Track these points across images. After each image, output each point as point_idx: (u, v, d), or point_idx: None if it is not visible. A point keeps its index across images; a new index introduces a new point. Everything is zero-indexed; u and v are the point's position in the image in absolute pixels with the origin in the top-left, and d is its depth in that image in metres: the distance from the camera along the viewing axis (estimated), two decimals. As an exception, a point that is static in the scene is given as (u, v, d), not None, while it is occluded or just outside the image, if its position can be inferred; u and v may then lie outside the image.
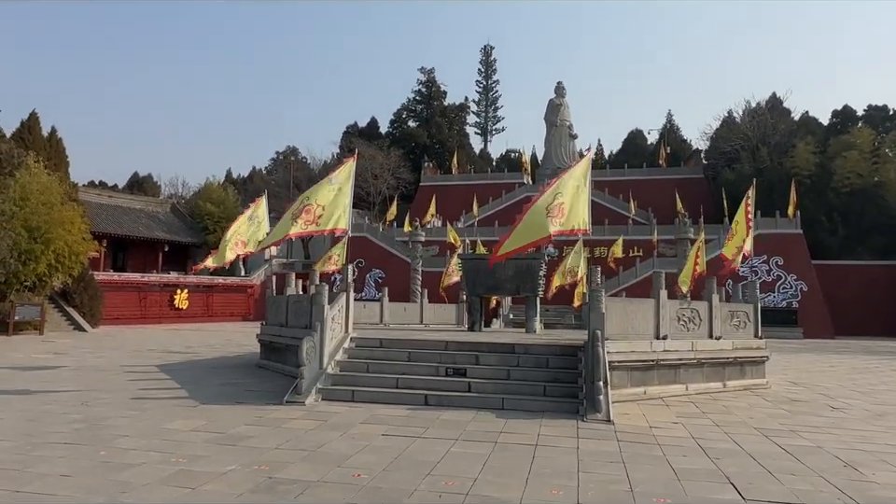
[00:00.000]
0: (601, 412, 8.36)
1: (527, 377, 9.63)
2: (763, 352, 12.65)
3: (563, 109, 71.68)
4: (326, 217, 11.62)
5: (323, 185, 11.79)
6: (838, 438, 7.84)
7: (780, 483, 5.74)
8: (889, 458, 6.79)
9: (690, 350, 11.24)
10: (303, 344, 9.51)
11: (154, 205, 50.17)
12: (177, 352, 18.84)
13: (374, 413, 8.60)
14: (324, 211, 11.62)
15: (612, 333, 10.36)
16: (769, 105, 52.45)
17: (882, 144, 44.58)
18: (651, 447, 7.04)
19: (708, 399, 10.75)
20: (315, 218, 11.61)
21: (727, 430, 8.09)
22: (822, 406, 10.46)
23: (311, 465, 6.09)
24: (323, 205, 11.61)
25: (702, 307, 11.86)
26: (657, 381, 10.75)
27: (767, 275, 37.99)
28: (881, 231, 41.04)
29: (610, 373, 9.93)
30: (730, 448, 7.09)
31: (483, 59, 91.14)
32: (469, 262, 16.60)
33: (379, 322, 20.67)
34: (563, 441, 7.26)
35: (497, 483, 5.60)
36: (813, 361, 19.95)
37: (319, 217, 11.62)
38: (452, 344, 10.59)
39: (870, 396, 11.94)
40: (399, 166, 54.64)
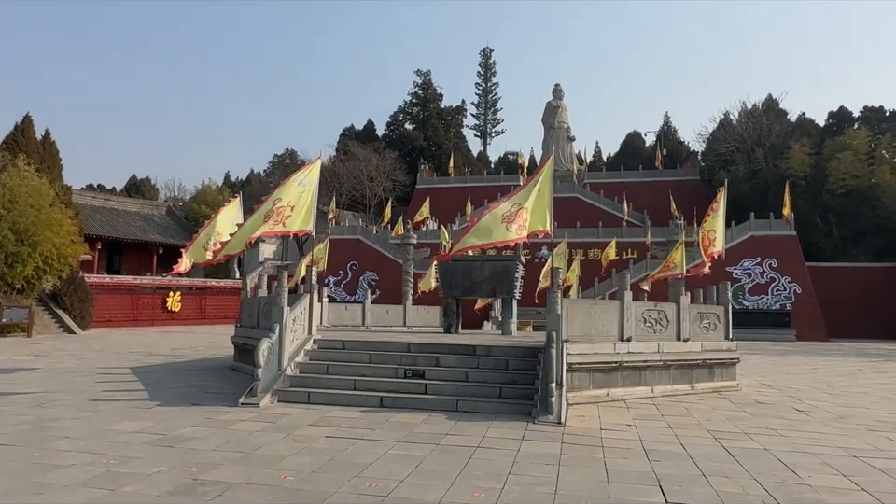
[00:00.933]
0: (553, 414, 8.30)
1: (485, 379, 9.59)
2: (733, 354, 12.57)
3: (561, 112, 71.74)
4: (294, 217, 11.61)
5: (292, 184, 11.77)
6: (789, 440, 7.76)
7: (710, 486, 5.67)
8: (833, 461, 6.71)
9: (656, 352, 11.17)
10: (260, 346, 9.48)
11: (150, 208, 50.27)
12: (160, 354, 18.84)
13: (326, 415, 8.56)
14: (292, 212, 11.60)
15: (574, 335, 10.31)
16: (765, 107, 52.28)
17: (878, 145, 44.36)
18: (594, 449, 6.98)
19: (673, 401, 10.67)
20: (284, 219, 11.60)
21: (679, 433, 8.03)
22: (787, 408, 10.37)
23: (242, 467, 6.06)
24: (292, 206, 11.59)
25: (670, 309, 11.78)
26: (621, 383, 10.68)
27: (761, 277, 37.82)
28: (876, 233, 40.81)
29: (571, 375, 9.93)
30: (674, 451, 7.03)
31: (483, 61, 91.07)
32: (444, 264, 16.55)
33: (361, 324, 20.63)
34: (507, 443, 7.21)
35: (422, 485, 5.56)
36: (797, 364, 19.82)
37: (287, 218, 11.60)
38: (414, 346, 10.55)
39: (840, 398, 11.84)
40: (395, 168, 54.65)
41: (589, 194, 53.23)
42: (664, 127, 66.77)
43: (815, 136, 47.29)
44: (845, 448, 7.39)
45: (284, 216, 11.54)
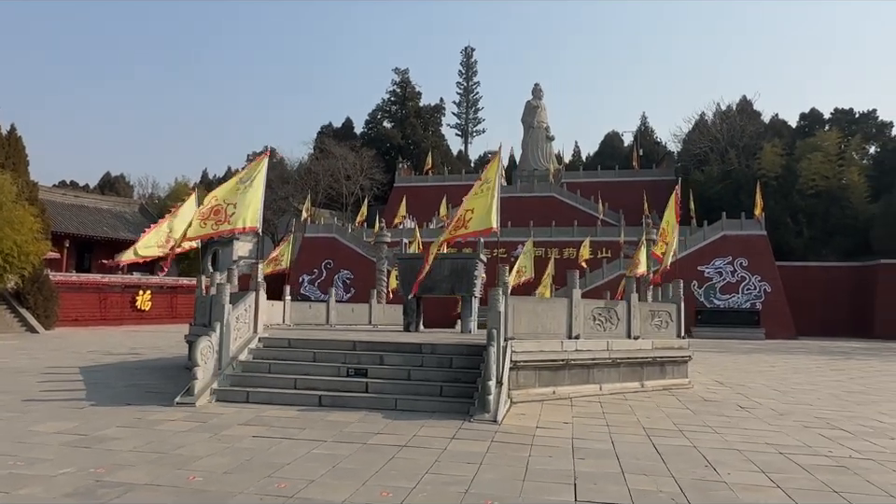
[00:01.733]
0: (489, 412, 8.23)
1: (428, 377, 9.50)
2: (684, 352, 12.61)
3: (540, 111, 71.88)
4: (238, 215, 11.43)
5: (231, 184, 11.61)
6: (721, 437, 7.77)
7: (625, 484, 5.63)
8: (758, 458, 6.72)
9: (605, 350, 11.16)
10: (197, 344, 9.30)
11: (122, 206, 49.54)
12: (118, 354, 18.51)
13: (261, 415, 8.42)
14: (235, 209, 11.43)
15: (521, 333, 10.28)
16: (739, 108, 52.89)
17: (848, 147, 45.07)
18: (522, 448, 6.91)
19: (620, 399, 10.67)
20: (227, 217, 11.42)
21: (615, 431, 8.00)
22: (731, 406, 10.41)
23: (154, 467, 5.90)
24: (234, 203, 11.42)
25: (620, 306, 11.79)
26: (568, 381, 10.65)
27: (732, 277, 38.23)
28: (845, 233, 41.46)
29: (517, 373, 9.89)
30: (603, 449, 6.99)
31: (464, 60, 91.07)
32: (404, 262, 16.44)
33: (325, 323, 20.47)
34: (436, 441, 7.12)
35: (334, 485, 5.45)
36: (758, 362, 20.00)
37: (231, 216, 11.43)
38: (360, 344, 10.43)
39: (788, 396, 11.93)
40: (372, 167, 54.40)
41: (566, 193, 53.45)
42: (641, 127, 67.32)
43: (787, 137, 47.92)
44: (774, 445, 7.41)
45: (227, 214, 11.37)
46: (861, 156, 47.50)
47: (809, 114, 50.45)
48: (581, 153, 79.74)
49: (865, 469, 6.35)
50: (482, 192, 11.63)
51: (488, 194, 11.64)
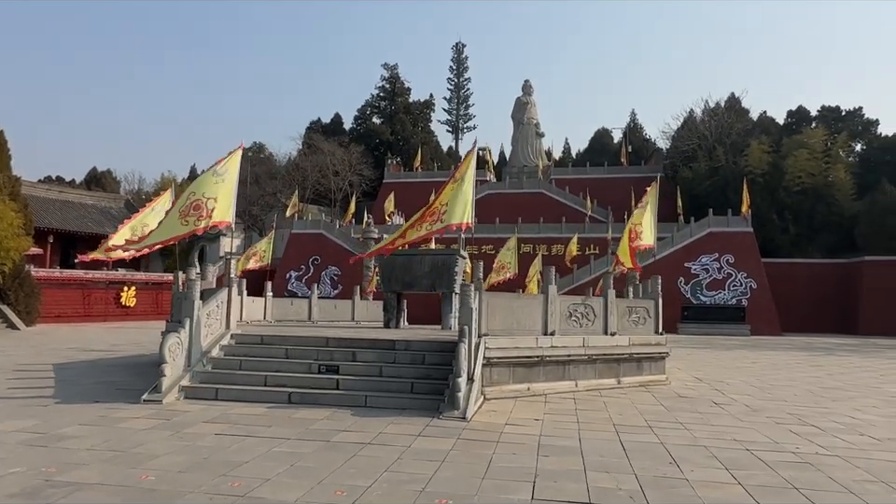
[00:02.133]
0: (459, 409, 8.16)
1: (400, 374, 9.42)
2: (662, 348, 12.60)
3: (530, 107, 71.84)
4: (218, 209, 11.27)
5: (207, 177, 11.42)
6: (690, 434, 7.74)
7: (585, 481, 5.58)
8: (724, 454, 6.68)
9: (581, 346, 11.12)
10: (165, 341, 9.17)
11: (107, 201, 49.02)
12: (96, 350, 18.31)
13: (228, 412, 8.30)
14: (216, 203, 11.25)
15: (496, 329, 10.22)
16: (727, 105, 53.00)
17: (834, 144, 45.28)
18: (487, 445, 6.85)
19: (595, 395, 10.63)
20: (209, 212, 11.23)
21: (584, 428, 7.95)
22: (705, 402, 10.40)
23: (107, 466, 5.79)
24: (214, 198, 11.24)
25: (597, 303, 11.75)
26: (543, 377, 10.60)
27: (718, 273, 38.37)
28: (830, 230, 41.69)
29: (490, 370, 9.84)
30: (569, 446, 6.93)
31: (455, 56, 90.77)
32: (384, 259, 16.32)
33: (307, 319, 20.34)
34: (401, 439, 7.04)
35: (288, 483, 5.36)
36: (740, 358, 20.07)
37: (213, 211, 11.25)
38: (333, 341, 10.33)
39: (764, 392, 11.95)
40: (361, 163, 54.15)
41: (554, 190, 53.44)
42: (630, 124, 67.38)
43: (774, 134, 48.07)
44: (742, 441, 7.39)
45: (208, 209, 11.19)
46: (848, 153, 47.76)
47: (796, 111, 50.64)
48: (571, 150, 79.81)
49: (829, 466, 6.32)
50: (456, 187, 11.52)
51: (463, 189, 11.53)
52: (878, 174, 42.32)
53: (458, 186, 11.69)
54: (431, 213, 11.94)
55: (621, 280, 19.54)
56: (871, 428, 8.45)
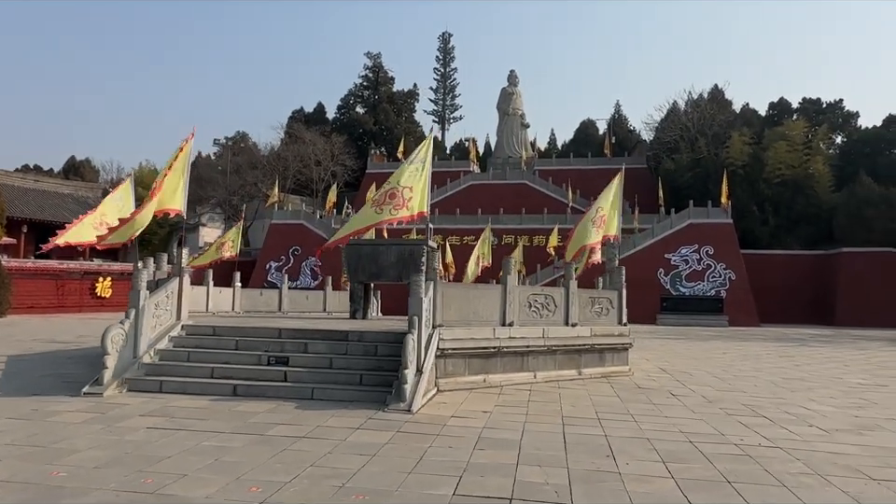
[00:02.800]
0: (405, 401, 8.00)
1: (350, 366, 9.23)
2: (625, 339, 12.50)
3: (515, 98, 71.51)
4: (170, 195, 11.02)
5: (164, 171, 11.18)
6: (638, 426, 7.63)
7: (514, 476, 5.43)
8: (664, 447, 6.58)
9: (540, 337, 10.99)
10: (107, 332, 8.93)
11: (84, 190, 48.29)
12: (61, 341, 17.98)
13: (168, 405, 8.08)
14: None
15: (451, 320, 10.06)
16: (710, 97, 53.04)
17: (815, 136, 45.47)
18: (426, 438, 6.69)
19: (553, 387, 10.51)
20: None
21: (532, 420, 7.81)
22: (663, 393, 10.31)
23: (21, 462, 5.57)
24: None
25: (557, 293, 11.62)
26: (501, 368, 10.47)
27: (698, 264, 38.49)
28: (809, 222, 41.95)
29: (444, 361, 9.68)
30: (509, 438, 6.79)
31: (441, 46, 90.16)
32: (350, 249, 16.06)
33: (278, 310, 20.09)
34: (338, 432, 6.86)
35: (205, 479, 5.17)
36: (712, 349, 20.09)
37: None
38: (286, 332, 10.12)
39: (726, 382, 11.90)
40: (343, 152, 53.66)
41: (538, 181, 53.29)
42: (615, 115, 67.29)
43: (756, 126, 48.20)
44: (688, 433, 7.29)
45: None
46: (828, 146, 48.01)
47: (778, 103, 50.80)
48: (556, 141, 79.67)
49: (769, 458, 6.23)
50: (417, 173, 11.25)
51: (423, 177, 11.29)
52: (857, 166, 42.61)
53: (420, 172, 11.43)
54: (392, 195, 11.51)
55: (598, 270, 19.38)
56: (821, 419, 8.39)
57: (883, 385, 12.25)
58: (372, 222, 10.82)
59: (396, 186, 10.87)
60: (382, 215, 10.70)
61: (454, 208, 47.93)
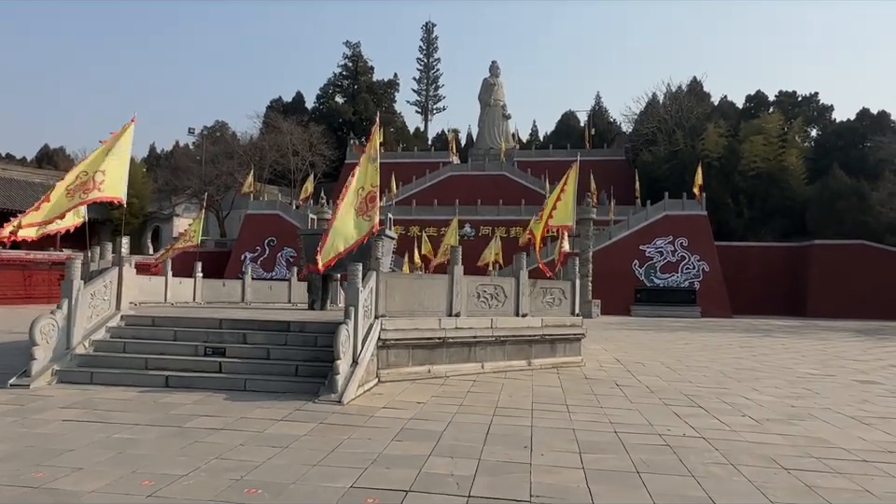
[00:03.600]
0: (336, 392, 7.89)
1: (287, 356, 9.10)
2: (578, 329, 12.46)
3: (497, 89, 71.28)
4: (106, 183, 10.73)
5: (96, 154, 10.86)
6: (570, 417, 7.58)
7: (421, 467, 5.34)
8: (587, 437, 6.53)
9: (488, 328, 10.92)
10: (36, 323, 8.70)
11: (55, 179, 47.29)
12: (19, 332, 17.59)
13: (94, 397, 7.90)
14: (104, 176, 10.71)
15: (395, 310, 9.95)
16: (689, 89, 53.19)
17: (790, 129, 45.78)
18: (348, 430, 6.58)
19: (499, 377, 10.45)
20: (97, 184, 10.68)
21: (464, 411, 7.73)
22: (608, 384, 10.29)
23: (-86, 456, 5.38)
24: (102, 171, 10.69)
25: (508, 283, 11.54)
26: (447, 359, 10.39)
27: (672, 256, 38.67)
28: (783, 214, 42.30)
29: (387, 352, 9.61)
30: (432, 430, 6.69)
31: (425, 36, 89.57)
32: (308, 238, 15.89)
33: (241, 301, 19.85)
34: (258, 424, 6.74)
35: (98, 472, 5.02)
36: (676, 339, 20.19)
37: (101, 183, 10.70)
38: (227, 322, 9.95)
39: (677, 372, 11.93)
40: (321, 142, 53.16)
41: (517, 172, 53.25)
42: (595, 107, 67.31)
43: (733, 119, 48.42)
44: (618, 423, 7.25)
45: (96, 182, 10.65)
46: (803, 138, 48.38)
47: (755, 96, 51.07)
48: (538, 132, 79.59)
49: (687, 449, 6.21)
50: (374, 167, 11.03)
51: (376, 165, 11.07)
52: (831, 159, 42.97)
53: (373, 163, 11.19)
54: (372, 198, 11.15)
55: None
56: (756, 409, 8.41)
57: (831, 374, 12.35)
58: (367, 231, 10.53)
59: (373, 189, 10.65)
60: (372, 221, 10.50)
61: (432, 199, 47.75)
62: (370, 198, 10.83)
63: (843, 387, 10.70)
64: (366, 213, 10.85)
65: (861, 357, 15.97)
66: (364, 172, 11.07)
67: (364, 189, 10.96)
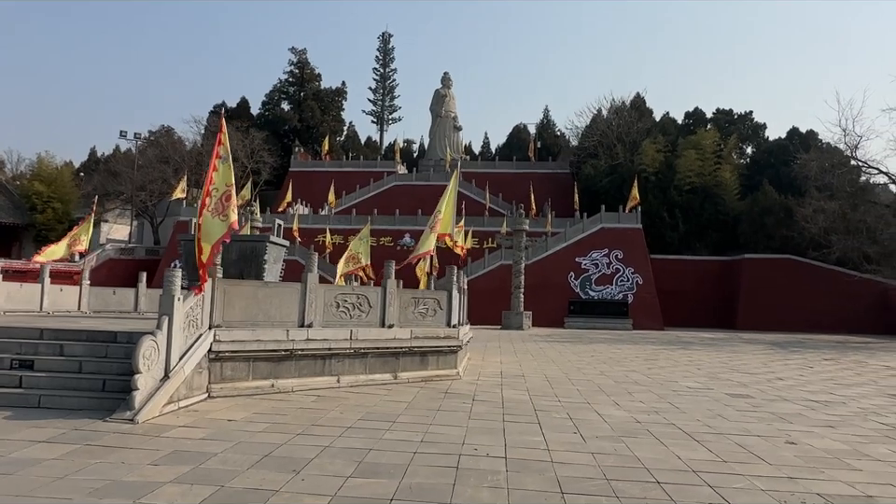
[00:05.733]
0: (132, 409, 7.20)
1: (101, 370, 8.35)
2: (453, 342, 12.01)
3: (448, 100, 71.40)
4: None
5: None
6: (378, 437, 7.03)
7: (139, 498, 4.72)
8: (376, 458, 6.01)
9: (346, 339, 10.36)
10: None
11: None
12: None
13: None
14: None
15: (235, 320, 9.32)
16: (633, 104, 54.05)
17: (725, 146, 46.83)
18: (112, 452, 5.91)
19: (352, 392, 9.90)
20: None
21: (271, 430, 7.12)
22: (467, 398, 9.82)
23: None
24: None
25: (373, 293, 11.03)
26: (296, 373, 9.79)
27: (607, 268, 38.90)
28: (717, 228, 43.11)
29: (222, 364, 8.99)
30: (207, 452, 6.04)
31: (381, 46, 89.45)
32: (187, 244, 15.11)
33: (133, 310, 18.94)
34: (14, 446, 6.00)
35: None
36: (588, 352, 19.99)
37: None
38: (48, 332, 9.15)
39: (552, 386, 11.54)
40: (262, 149, 52.05)
41: (461, 183, 53.06)
42: (543, 120, 67.96)
43: (673, 134, 49.33)
44: (426, 443, 6.75)
45: None
46: (740, 155, 49.58)
47: (693, 112, 52.20)
48: (490, 144, 79.97)
49: (476, 471, 5.74)
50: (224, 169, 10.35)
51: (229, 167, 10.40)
52: (764, 175, 44.05)
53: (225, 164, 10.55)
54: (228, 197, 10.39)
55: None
56: (597, 426, 8.04)
57: (710, 388, 12.16)
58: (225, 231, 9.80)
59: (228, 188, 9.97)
60: (229, 219, 9.78)
61: (372, 209, 47.14)
62: (225, 197, 10.14)
63: (710, 401, 10.47)
64: (222, 212, 10.15)
65: (755, 370, 15.96)
66: (218, 172, 10.41)
67: (219, 190, 10.30)
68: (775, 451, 7.00)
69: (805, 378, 14.42)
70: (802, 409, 10.00)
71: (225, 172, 10.06)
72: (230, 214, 9.87)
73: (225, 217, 9.91)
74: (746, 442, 7.37)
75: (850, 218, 33.66)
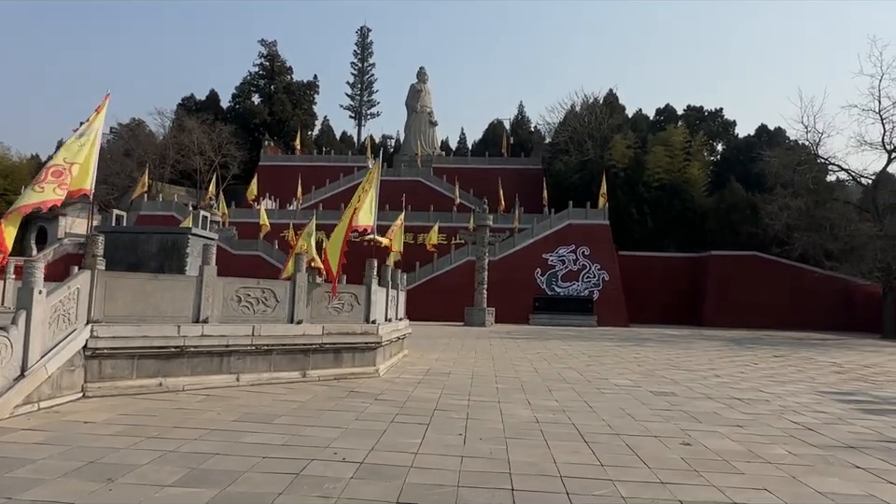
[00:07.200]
0: (-26, 411, 6.64)
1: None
2: (371, 338, 11.52)
3: (424, 95, 70.86)
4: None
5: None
6: (235, 439, 6.56)
7: None
8: (219, 463, 5.52)
9: (247, 335, 9.85)
10: None
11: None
12: None
13: None
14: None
15: (119, 315, 8.77)
16: (605, 100, 53.89)
17: (694, 142, 46.81)
18: (-84, 460, 5.37)
19: (252, 391, 9.39)
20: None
21: (126, 433, 6.60)
22: (369, 398, 9.35)
23: None
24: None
25: (281, 287, 10.51)
26: (188, 370, 9.26)
27: (574, 265, 38.66)
28: (685, 225, 43.07)
29: (101, 362, 8.46)
30: (35, 459, 5.55)
31: (360, 41, 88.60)
32: (109, 235, 14.48)
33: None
34: None
35: None
36: (536, 348, 19.64)
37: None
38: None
39: (471, 385, 11.10)
40: (230, 143, 51.14)
41: (431, 178, 52.71)
42: (518, 116, 67.71)
43: (644, 131, 49.23)
44: (286, 447, 6.28)
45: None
46: (710, 152, 49.60)
47: (664, 109, 52.18)
48: (466, 140, 79.60)
49: (318, 478, 5.28)
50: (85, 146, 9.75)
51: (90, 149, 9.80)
52: (732, 172, 44.07)
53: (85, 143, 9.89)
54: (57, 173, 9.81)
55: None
56: (490, 427, 7.58)
57: (637, 386, 11.81)
58: (32, 201, 9.24)
59: (64, 163, 9.38)
60: (43, 194, 9.15)
61: (340, 204, 46.46)
62: (55, 172, 9.44)
63: (629, 400, 10.10)
64: (40, 183, 9.43)
65: (697, 367, 15.67)
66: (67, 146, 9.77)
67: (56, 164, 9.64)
68: (663, 453, 6.63)
69: (744, 375, 14.15)
70: (720, 407, 9.67)
71: (75, 149, 9.41)
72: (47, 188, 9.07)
73: (41, 189, 9.17)
74: (638, 444, 6.99)
75: (814, 215, 33.71)
